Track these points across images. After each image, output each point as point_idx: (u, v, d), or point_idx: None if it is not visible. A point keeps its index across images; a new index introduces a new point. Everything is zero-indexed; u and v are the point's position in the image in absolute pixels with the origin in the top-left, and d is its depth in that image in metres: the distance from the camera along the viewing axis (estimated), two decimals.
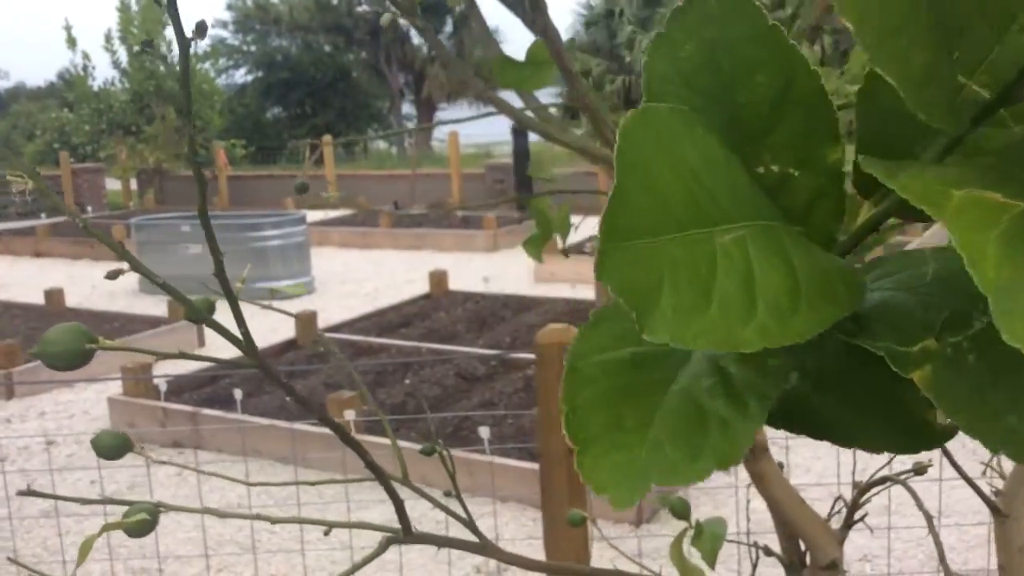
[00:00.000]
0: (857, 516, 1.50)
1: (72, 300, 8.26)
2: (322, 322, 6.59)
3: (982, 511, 2.66)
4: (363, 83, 29.82)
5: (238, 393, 4.93)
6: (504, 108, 1.32)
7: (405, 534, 1.27)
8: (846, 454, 4.23)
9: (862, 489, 1.47)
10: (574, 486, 2.58)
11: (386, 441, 3.40)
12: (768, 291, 0.48)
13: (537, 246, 1.63)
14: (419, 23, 1.17)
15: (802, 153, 0.55)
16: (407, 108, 30.48)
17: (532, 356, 5.49)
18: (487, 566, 3.64)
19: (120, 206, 16.44)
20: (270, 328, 7.62)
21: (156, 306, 8.41)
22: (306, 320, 6.31)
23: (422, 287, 7.92)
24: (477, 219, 11.55)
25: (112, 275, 1.02)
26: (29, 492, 1.17)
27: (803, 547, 1.47)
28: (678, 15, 0.55)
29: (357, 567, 1.17)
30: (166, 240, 9.18)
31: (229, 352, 7.03)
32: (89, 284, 9.99)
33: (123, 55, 17.38)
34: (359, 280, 9.50)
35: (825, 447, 4.30)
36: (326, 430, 3.93)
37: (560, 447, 2.58)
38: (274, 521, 1.23)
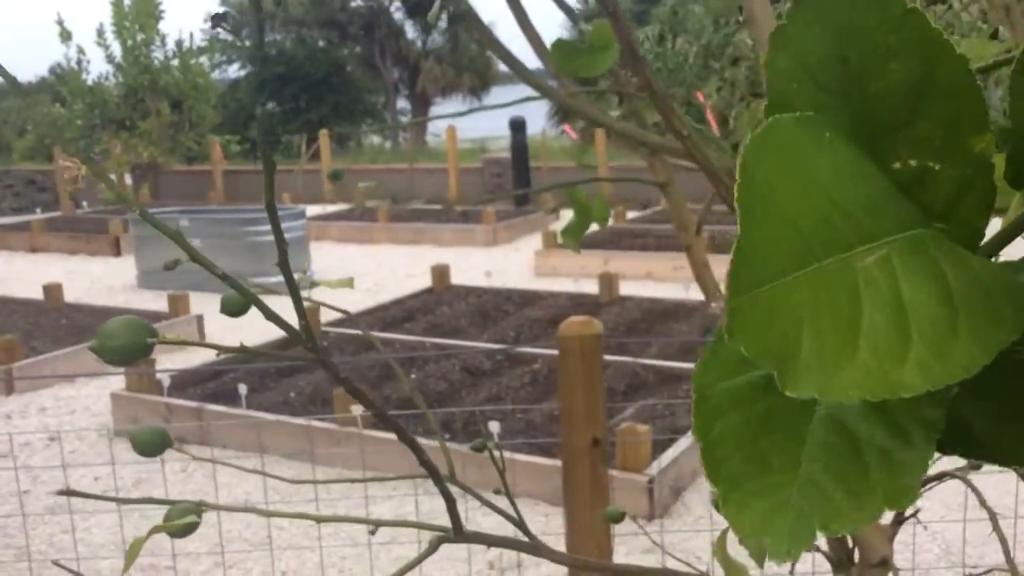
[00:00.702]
0: (908, 512, 1.47)
1: (70, 295, 8.19)
2: (324, 316, 6.54)
3: None
4: (357, 78, 29.71)
5: (243, 388, 4.89)
6: (549, 92, 1.29)
7: (456, 533, 1.23)
8: None
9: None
10: (596, 481, 2.54)
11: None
12: (922, 319, 0.43)
13: (575, 235, 1.59)
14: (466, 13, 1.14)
15: (945, 144, 0.51)
16: (401, 103, 30.39)
17: (539, 351, 5.45)
18: (500, 562, 3.61)
19: (114, 201, 16.35)
20: (270, 324, 7.59)
21: (155, 301, 8.35)
22: (308, 314, 6.26)
23: (423, 282, 7.88)
24: (476, 213, 11.50)
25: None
26: (69, 492, 1.13)
27: (850, 544, 1.44)
28: (800, 5, 0.51)
29: (410, 566, 1.13)
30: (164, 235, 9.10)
31: (228, 345, 6.99)
32: (87, 279, 9.92)
33: (117, 49, 17.27)
34: (359, 275, 9.45)
35: None
36: (334, 425, 3.89)
37: (582, 441, 2.55)
38: (319, 520, 1.20)
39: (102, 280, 9.91)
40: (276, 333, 6.84)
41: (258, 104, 27.79)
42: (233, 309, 0.83)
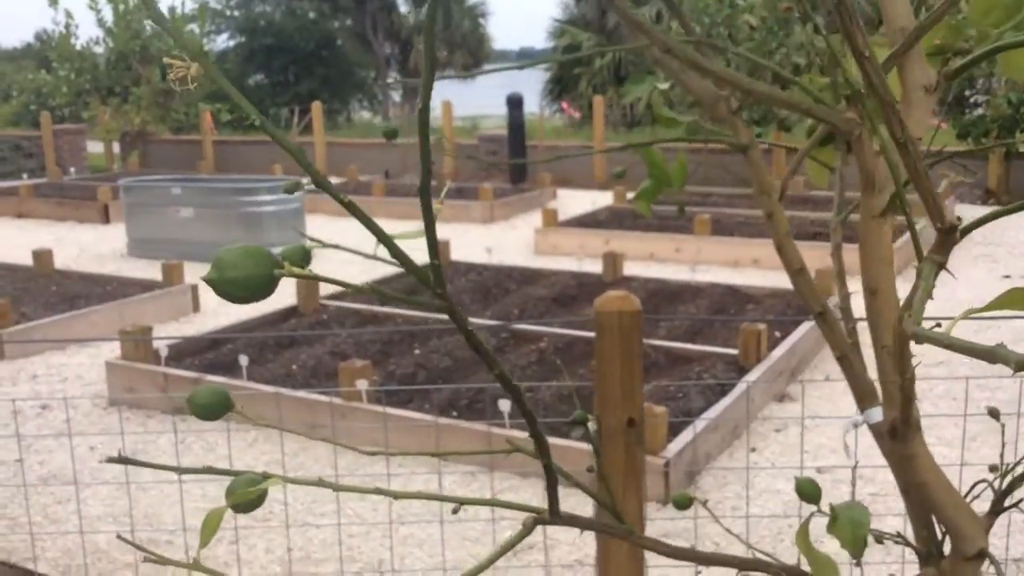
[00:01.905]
0: (1008, 503, 1.36)
1: (59, 262, 8.02)
2: (323, 290, 6.41)
3: None
4: (348, 52, 29.41)
5: (244, 359, 4.76)
6: (651, 34, 1.16)
7: (552, 515, 1.11)
8: (978, 438, 4.12)
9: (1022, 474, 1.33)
10: (630, 463, 2.44)
11: (402, 412, 3.20)
12: None
13: (648, 198, 1.47)
14: None
15: None
16: (393, 78, 30.10)
17: (544, 329, 5.32)
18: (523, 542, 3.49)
19: (102, 168, 16.11)
20: None
21: (145, 269, 8.19)
22: (307, 287, 6.13)
23: (421, 256, 7.74)
24: (472, 190, 11.35)
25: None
26: (121, 460, 1.01)
27: (939, 536, 1.33)
28: None
29: (503, 551, 1.01)
30: (156, 203, 8.93)
31: (223, 316, 6.81)
32: (76, 246, 9.74)
33: (108, 14, 16.97)
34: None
35: (950, 429, 4.18)
36: (338, 399, 3.73)
37: (617, 422, 2.44)
38: (396, 496, 1.08)
39: (91, 248, 9.73)
40: (272, 305, 6.70)
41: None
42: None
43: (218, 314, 6.87)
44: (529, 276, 7.00)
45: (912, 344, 0.96)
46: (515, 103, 12.94)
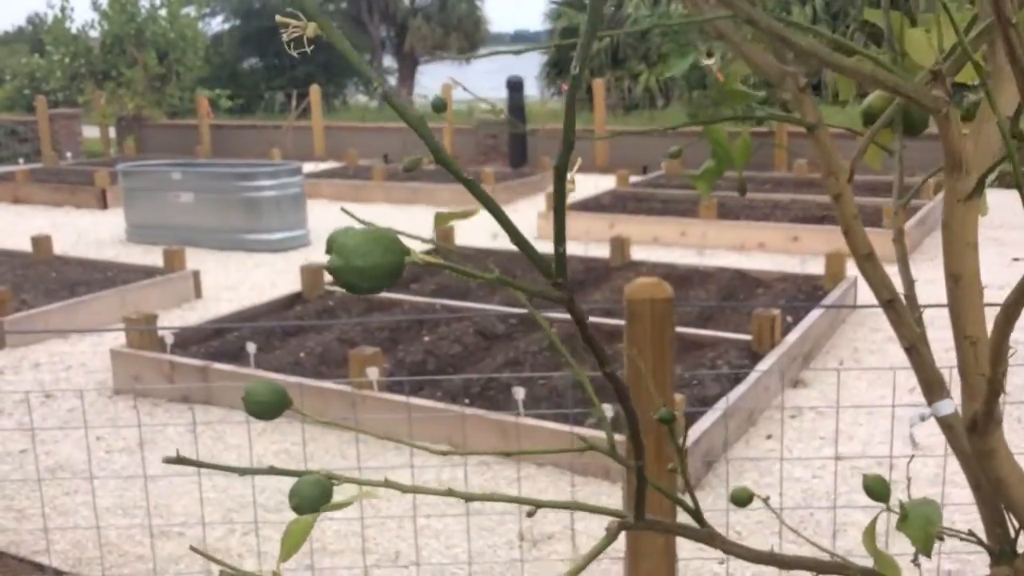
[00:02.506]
0: None
1: (58, 248, 7.93)
2: (328, 276, 6.34)
3: None
4: (343, 35, 29.15)
5: (251, 347, 4.69)
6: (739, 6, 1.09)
7: (637, 519, 1.04)
8: None
9: None
10: (661, 457, 2.38)
11: (425, 402, 3.10)
12: None
13: (710, 180, 1.40)
14: None
15: None
16: (388, 61, 29.90)
17: (554, 315, 5.27)
18: (531, 533, 3.44)
19: (98, 153, 15.98)
20: (268, 282, 7.36)
21: (146, 255, 8.11)
22: (312, 273, 6.05)
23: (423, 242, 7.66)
24: (473, 174, 11.25)
25: (410, 165, 0.81)
26: (179, 460, 0.94)
27: (1012, 533, 1.27)
28: None
29: (592, 556, 0.95)
30: (155, 187, 8.84)
31: (226, 303, 6.73)
32: (74, 232, 9.64)
33: None
34: None
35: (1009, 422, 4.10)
36: (347, 387, 3.66)
37: (647, 410, 2.38)
38: (468, 499, 1.01)
39: (89, 233, 9.63)
40: (274, 292, 6.62)
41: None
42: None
43: (220, 300, 6.79)
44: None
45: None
46: (515, 86, 12.84)
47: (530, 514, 1.01)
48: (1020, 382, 4.40)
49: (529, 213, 9.80)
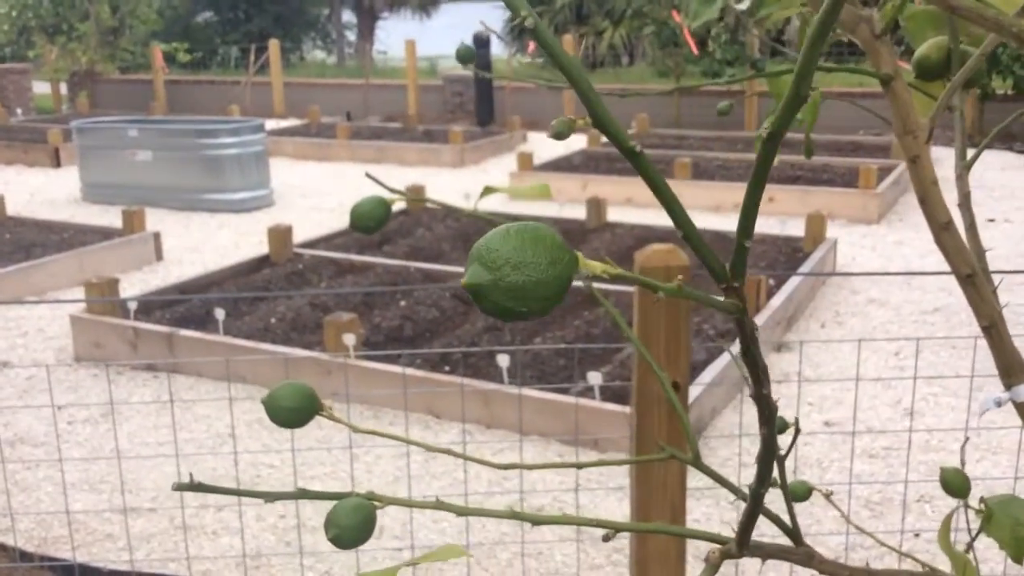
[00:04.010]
0: None
1: (10, 208, 7.62)
2: (297, 237, 6.13)
3: None
4: None
5: (220, 313, 4.50)
6: None
7: (739, 548, 0.91)
8: None
9: None
10: (672, 429, 2.24)
11: (390, 368, 2.91)
12: None
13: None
14: None
15: None
16: (347, 16, 29.30)
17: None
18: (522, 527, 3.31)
19: (50, 110, 15.49)
20: (232, 243, 7.13)
21: (103, 216, 7.83)
22: (280, 235, 5.84)
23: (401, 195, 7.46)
24: (442, 133, 11.03)
25: (563, 131, 0.63)
26: (192, 487, 0.77)
27: None
28: None
29: None
30: (111, 145, 8.52)
31: (189, 265, 6.48)
32: (26, 191, 9.30)
33: None
34: (321, 193, 8.99)
35: None
36: (318, 354, 3.48)
37: (658, 386, 2.24)
38: (535, 522, 0.87)
39: (43, 192, 9.30)
40: (238, 254, 6.40)
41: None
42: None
43: (183, 263, 6.56)
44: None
45: None
46: (482, 42, 12.56)
47: (606, 538, 0.86)
48: None
49: (499, 174, 9.62)
